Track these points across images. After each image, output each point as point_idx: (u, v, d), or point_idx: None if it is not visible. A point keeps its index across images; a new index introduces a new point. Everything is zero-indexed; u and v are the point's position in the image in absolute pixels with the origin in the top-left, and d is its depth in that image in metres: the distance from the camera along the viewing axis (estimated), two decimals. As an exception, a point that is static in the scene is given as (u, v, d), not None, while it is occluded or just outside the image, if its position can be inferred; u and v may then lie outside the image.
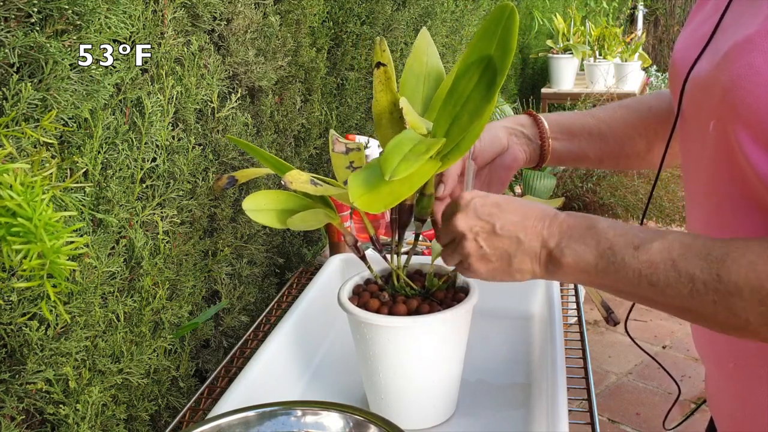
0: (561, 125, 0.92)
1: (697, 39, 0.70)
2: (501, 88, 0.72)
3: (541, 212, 0.70)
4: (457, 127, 0.74)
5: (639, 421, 2.46)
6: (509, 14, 0.69)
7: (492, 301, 1.09)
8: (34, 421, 0.89)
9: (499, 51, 0.70)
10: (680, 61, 0.73)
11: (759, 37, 0.60)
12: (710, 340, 0.77)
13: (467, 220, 0.71)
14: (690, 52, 0.70)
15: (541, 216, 0.69)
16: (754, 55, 0.59)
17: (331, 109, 1.71)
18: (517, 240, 0.69)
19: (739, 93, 0.60)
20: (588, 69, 4.24)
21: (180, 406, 1.14)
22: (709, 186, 0.69)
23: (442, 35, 2.48)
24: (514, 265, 0.70)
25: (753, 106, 0.58)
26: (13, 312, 0.81)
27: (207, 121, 1.19)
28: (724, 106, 0.62)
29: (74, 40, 0.82)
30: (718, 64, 0.64)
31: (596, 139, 0.92)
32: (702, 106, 0.67)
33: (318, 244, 1.68)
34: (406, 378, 0.89)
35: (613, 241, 0.64)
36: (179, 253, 1.14)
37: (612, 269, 0.64)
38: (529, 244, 0.69)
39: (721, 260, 0.58)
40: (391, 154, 0.68)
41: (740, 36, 0.62)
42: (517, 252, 0.70)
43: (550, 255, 0.68)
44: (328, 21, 1.65)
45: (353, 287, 0.94)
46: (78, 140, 0.89)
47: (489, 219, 0.70)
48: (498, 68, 0.70)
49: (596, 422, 0.92)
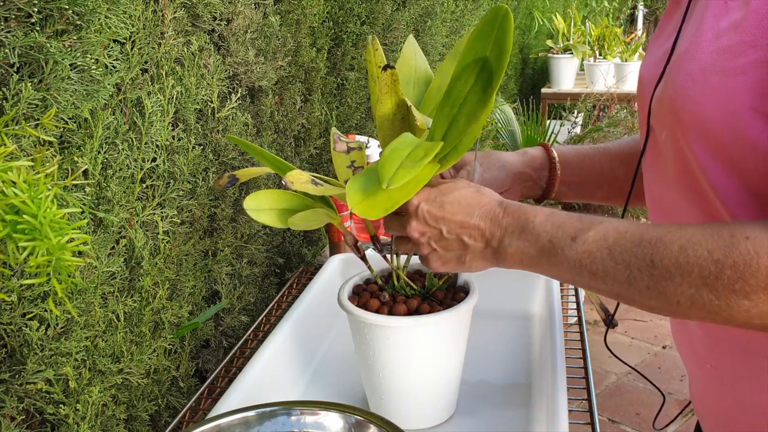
0: (575, 169, 0.92)
1: (659, 57, 0.72)
2: (501, 88, 0.72)
3: (484, 211, 0.72)
4: (454, 129, 0.74)
5: (639, 421, 2.46)
6: (504, 16, 0.70)
7: (492, 301, 1.09)
8: (34, 421, 0.89)
9: (494, 53, 0.70)
10: (646, 81, 0.74)
11: (694, 46, 0.63)
12: (689, 342, 0.77)
13: (419, 227, 0.75)
14: (652, 71, 0.72)
15: (483, 214, 0.72)
16: (692, 64, 0.62)
17: (331, 109, 1.71)
18: (463, 243, 0.73)
19: (681, 102, 0.63)
20: (588, 69, 4.24)
21: (180, 406, 1.14)
22: (672, 207, 0.71)
23: (442, 35, 2.48)
24: (466, 263, 0.74)
25: (695, 113, 0.61)
26: (13, 312, 0.81)
27: (207, 121, 1.19)
28: (672, 116, 0.64)
29: (74, 40, 0.82)
30: (666, 77, 0.66)
31: (607, 179, 0.93)
32: (661, 121, 0.69)
33: (318, 244, 1.68)
34: (406, 378, 0.89)
35: (552, 233, 0.67)
36: (179, 253, 1.14)
37: (554, 261, 0.66)
38: (474, 245, 0.73)
39: (654, 246, 0.59)
40: (389, 161, 0.68)
41: (682, 48, 0.65)
42: (465, 252, 0.74)
43: (495, 252, 0.71)
44: (328, 21, 1.65)
45: (353, 287, 0.94)
46: (78, 140, 0.89)
47: (436, 225, 0.74)
48: (494, 70, 0.70)
49: (596, 422, 0.92)
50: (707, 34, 0.62)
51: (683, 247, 0.58)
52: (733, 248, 0.55)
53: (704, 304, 0.57)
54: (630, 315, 3.10)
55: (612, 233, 0.63)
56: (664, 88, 0.67)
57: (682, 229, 0.59)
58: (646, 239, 0.60)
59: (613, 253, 0.62)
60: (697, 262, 0.57)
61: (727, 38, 0.60)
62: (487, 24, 0.71)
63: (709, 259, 0.56)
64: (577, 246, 0.64)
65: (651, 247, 0.60)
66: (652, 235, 0.60)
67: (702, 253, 0.57)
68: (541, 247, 0.67)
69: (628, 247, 0.61)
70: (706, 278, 0.56)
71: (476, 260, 0.73)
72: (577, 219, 0.67)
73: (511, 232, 0.70)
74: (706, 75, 0.61)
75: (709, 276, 0.56)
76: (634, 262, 0.60)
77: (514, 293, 1.20)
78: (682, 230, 0.59)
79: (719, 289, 0.56)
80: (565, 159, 0.92)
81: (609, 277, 0.62)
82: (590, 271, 0.63)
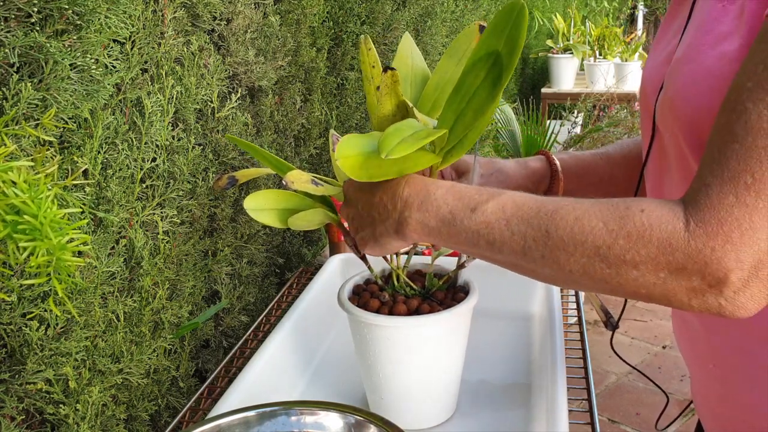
0: (573, 176, 0.93)
1: (663, 59, 0.72)
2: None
3: (387, 185, 0.74)
4: (461, 123, 0.73)
5: (639, 421, 2.46)
6: (519, 11, 0.69)
7: (492, 301, 1.09)
8: (34, 421, 0.88)
9: (507, 48, 0.70)
10: (650, 82, 0.75)
11: (695, 49, 0.63)
12: (691, 341, 0.77)
13: (344, 210, 0.79)
14: (656, 73, 0.72)
15: (386, 188, 0.74)
16: (693, 67, 0.63)
17: (331, 108, 1.71)
18: (372, 219, 0.75)
19: (681, 105, 0.64)
20: (588, 69, 4.24)
21: (180, 406, 1.14)
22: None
23: (442, 35, 2.48)
24: (379, 241, 0.75)
25: (695, 117, 0.62)
26: (13, 312, 0.81)
27: (207, 121, 1.19)
28: (673, 118, 0.65)
29: (74, 40, 0.82)
30: (667, 79, 0.67)
31: (605, 184, 0.93)
32: (664, 123, 0.69)
33: (318, 244, 1.68)
34: (406, 378, 0.89)
35: (452, 205, 0.68)
36: (179, 253, 1.14)
37: (453, 231, 0.68)
38: (380, 219, 0.74)
39: (550, 216, 0.61)
40: (391, 135, 0.69)
41: (684, 50, 0.66)
42: (376, 228, 0.75)
43: (397, 224, 0.72)
44: (328, 21, 1.64)
45: (353, 287, 0.94)
46: (78, 140, 0.89)
47: (355, 203, 0.77)
48: (505, 65, 0.70)
49: (596, 422, 0.92)
50: (707, 38, 0.63)
51: (578, 218, 0.60)
52: (628, 220, 0.57)
53: (595, 273, 0.59)
54: (630, 315, 3.10)
55: (510, 205, 0.65)
56: (666, 90, 0.67)
57: (579, 202, 0.61)
58: (543, 211, 0.62)
59: (510, 223, 0.64)
60: (592, 232, 0.59)
61: (728, 43, 0.60)
62: (501, 19, 0.70)
63: (603, 230, 0.58)
64: (477, 216, 0.66)
65: (547, 218, 0.61)
66: (549, 207, 0.62)
67: (597, 224, 0.59)
68: (442, 218, 0.68)
69: (525, 218, 0.63)
70: (599, 247, 0.58)
71: (384, 236, 0.74)
72: (476, 191, 0.68)
73: (410, 204, 0.71)
74: (707, 79, 0.61)
75: (602, 245, 0.58)
76: (530, 232, 0.62)
77: (514, 293, 1.20)
78: (579, 203, 0.61)
79: (611, 258, 0.58)
80: (567, 167, 0.93)
81: (506, 247, 0.64)
82: (487, 241, 0.65)
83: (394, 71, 0.73)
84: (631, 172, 0.91)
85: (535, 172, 0.93)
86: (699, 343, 0.75)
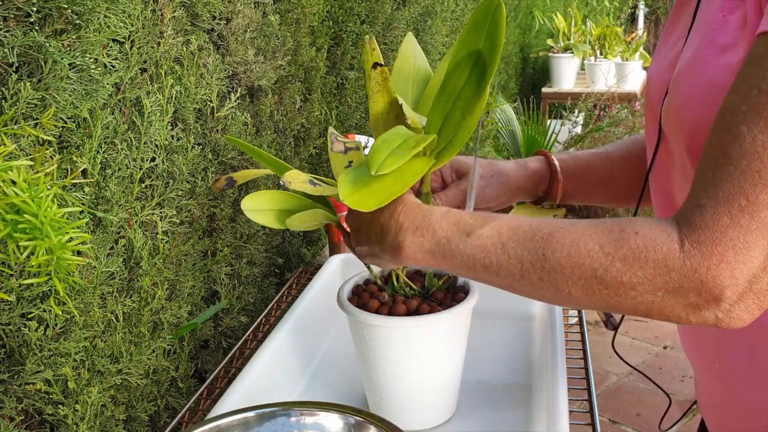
0: (573, 177, 0.93)
1: (669, 61, 0.72)
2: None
3: (386, 209, 0.74)
4: (450, 123, 0.74)
5: (640, 422, 2.46)
6: (495, 8, 0.70)
7: (492, 301, 1.08)
8: (33, 421, 0.88)
9: (487, 45, 0.70)
10: (655, 85, 0.75)
11: (698, 60, 0.64)
12: (696, 341, 0.77)
13: (349, 217, 0.80)
14: (662, 76, 0.73)
15: (384, 212, 0.74)
16: (696, 78, 0.64)
17: (330, 108, 1.71)
18: (369, 237, 0.76)
19: (684, 115, 0.65)
20: (589, 68, 4.24)
21: (179, 407, 1.13)
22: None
23: (442, 35, 2.48)
24: (375, 259, 0.78)
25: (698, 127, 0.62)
26: (12, 312, 0.81)
27: (206, 120, 1.19)
28: (678, 126, 0.66)
29: (73, 40, 0.82)
30: (671, 88, 0.68)
31: (605, 184, 0.94)
32: (669, 128, 0.70)
33: (318, 244, 1.68)
34: (406, 378, 0.89)
35: (447, 230, 0.69)
36: (178, 253, 1.13)
37: (449, 256, 0.69)
38: (377, 240, 0.75)
39: (546, 240, 0.62)
40: (379, 149, 0.69)
41: (687, 58, 0.66)
42: (374, 247, 0.76)
43: (392, 248, 0.73)
44: (328, 20, 1.64)
45: (353, 287, 0.94)
46: (77, 140, 0.88)
47: (357, 218, 0.78)
48: (487, 63, 0.70)
49: (597, 423, 0.92)
50: (710, 49, 0.63)
51: (575, 241, 0.61)
52: (623, 242, 0.59)
53: (593, 294, 0.60)
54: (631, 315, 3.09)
55: (505, 229, 0.66)
56: (671, 98, 0.68)
57: (574, 225, 0.62)
58: (539, 234, 0.63)
59: (506, 247, 0.65)
60: (588, 255, 0.60)
61: (731, 54, 0.61)
62: (479, 17, 0.71)
63: (600, 253, 0.59)
64: (472, 241, 0.67)
65: (543, 241, 0.62)
66: (544, 230, 0.63)
67: (593, 247, 0.60)
68: (437, 242, 0.69)
69: (521, 242, 0.64)
70: (596, 270, 0.59)
71: (380, 256, 0.76)
72: (471, 216, 0.69)
73: (405, 228, 0.71)
74: (711, 91, 0.61)
75: (599, 268, 0.59)
76: (526, 255, 0.63)
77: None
78: (574, 226, 0.62)
79: (608, 280, 0.59)
80: (566, 167, 0.93)
81: (503, 270, 0.65)
82: (484, 264, 0.66)
83: (383, 68, 0.73)
84: (630, 171, 0.90)
85: (535, 173, 0.93)
86: (704, 344, 0.75)
